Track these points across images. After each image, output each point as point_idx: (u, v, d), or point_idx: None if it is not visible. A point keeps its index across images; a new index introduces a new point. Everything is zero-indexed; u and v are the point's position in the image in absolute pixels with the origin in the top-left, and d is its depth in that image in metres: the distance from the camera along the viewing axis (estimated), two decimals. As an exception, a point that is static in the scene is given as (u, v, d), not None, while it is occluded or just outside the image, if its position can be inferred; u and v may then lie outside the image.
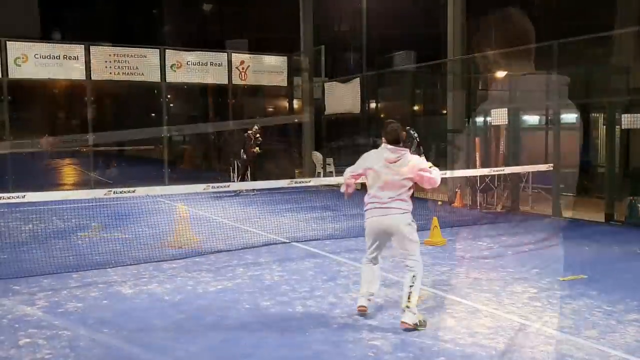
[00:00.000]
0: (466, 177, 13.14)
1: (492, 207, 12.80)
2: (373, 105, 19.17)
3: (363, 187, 5.75)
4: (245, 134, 15.82)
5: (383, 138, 5.36)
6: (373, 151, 5.50)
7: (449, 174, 12.09)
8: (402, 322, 5.12)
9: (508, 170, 11.90)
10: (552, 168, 11.87)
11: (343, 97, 17.51)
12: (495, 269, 7.39)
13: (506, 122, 12.56)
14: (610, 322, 5.30)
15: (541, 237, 9.54)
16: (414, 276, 5.18)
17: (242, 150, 15.74)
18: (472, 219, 11.51)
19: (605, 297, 6.09)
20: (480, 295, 6.23)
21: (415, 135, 8.80)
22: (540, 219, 11.52)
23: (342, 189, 5.63)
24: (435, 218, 8.99)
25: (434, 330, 5.14)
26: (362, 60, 17.00)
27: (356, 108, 16.98)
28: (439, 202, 13.65)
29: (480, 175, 12.52)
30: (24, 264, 7.66)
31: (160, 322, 5.47)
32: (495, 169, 11.72)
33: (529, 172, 12.67)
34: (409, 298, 5.11)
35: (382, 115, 20.37)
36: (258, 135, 15.59)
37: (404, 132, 6.01)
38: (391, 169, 5.24)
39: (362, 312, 5.49)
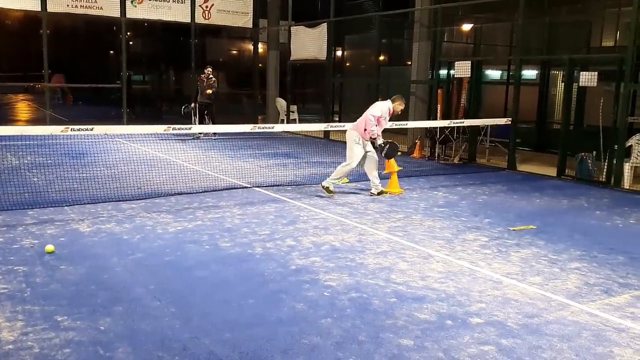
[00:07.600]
0: (426, 128, 13.31)
1: (450, 159, 13.06)
2: (340, 53, 18.88)
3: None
4: (198, 77, 15.72)
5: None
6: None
7: (410, 124, 12.24)
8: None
9: (467, 122, 12.09)
10: (510, 122, 12.12)
11: (309, 43, 17.20)
12: (450, 217, 7.63)
13: (469, 75, 12.66)
14: (554, 270, 5.59)
15: (495, 189, 9.86)
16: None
17: (197, 93, 15.55)
18: (430, 170, 11.75)
19: (552, 246, 6.39)
20: (434, 242, 6.45)
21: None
22: (496, 172, 11.85)
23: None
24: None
25: (387, 273, 5.33)
26: (330, 4, 16.48)
27: (322, 55, 16.72)
28: (398, 153, 13.78)
29: (440, 127, 12.69)
30: (-23, 200, 7.51)
31: (119, 260, 5.48)
32: (455, 121, 11.87)
33: (487, 126, 12.90)
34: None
35: (347, 64, 20.14)
36: (211, 76, 15.39)
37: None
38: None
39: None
